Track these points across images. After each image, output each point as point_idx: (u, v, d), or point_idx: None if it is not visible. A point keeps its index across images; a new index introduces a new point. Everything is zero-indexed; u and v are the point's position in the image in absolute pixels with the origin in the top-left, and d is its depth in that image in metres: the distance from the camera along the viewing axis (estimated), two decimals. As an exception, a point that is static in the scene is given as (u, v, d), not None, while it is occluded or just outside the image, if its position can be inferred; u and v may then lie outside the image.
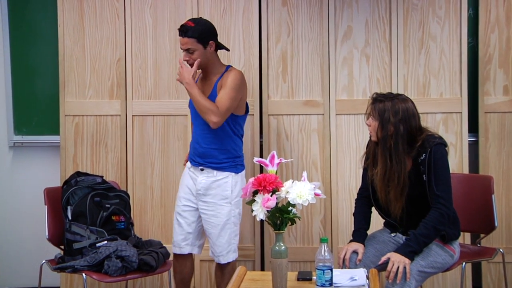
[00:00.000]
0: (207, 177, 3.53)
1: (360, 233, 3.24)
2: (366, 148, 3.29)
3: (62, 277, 4.21)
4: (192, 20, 3.53)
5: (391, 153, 3.07)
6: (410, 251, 2.99)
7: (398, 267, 2.93)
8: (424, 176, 3.07)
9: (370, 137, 3.21)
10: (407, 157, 3.09)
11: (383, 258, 3.00)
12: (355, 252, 3.15)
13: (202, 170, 3.55)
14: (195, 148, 3.58)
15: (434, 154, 3.05)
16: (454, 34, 4.11)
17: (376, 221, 4.01)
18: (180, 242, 3.61)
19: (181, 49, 3.51)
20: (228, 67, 3.60)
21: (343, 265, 3.13)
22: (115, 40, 4.25)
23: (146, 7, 4.24)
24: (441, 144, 3.09)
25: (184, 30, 3.45)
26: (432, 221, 3.03)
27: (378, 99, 3.12)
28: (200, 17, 3.66)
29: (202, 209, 3.56)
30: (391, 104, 3.08)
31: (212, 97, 3.49)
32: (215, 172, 3.53)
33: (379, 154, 3.12)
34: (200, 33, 3.46)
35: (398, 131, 3.06)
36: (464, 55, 4.10)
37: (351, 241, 3.22)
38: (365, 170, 3.30)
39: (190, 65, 3.49)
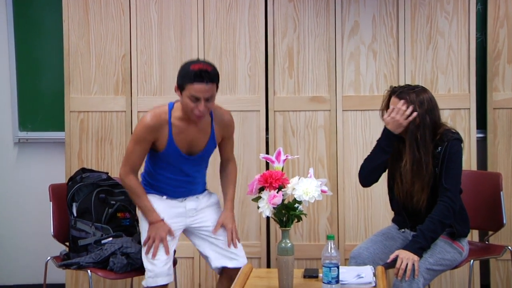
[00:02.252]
0: (193, 199, 3.32)
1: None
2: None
3: (67, 274, 4.20)
4: (204, 63, 3.09)
5: (418, 144, 3.05)
6: (419, 247, 2.97)
7: (407, 264, 2.91)
8: (436, 169, 3.05)
9: None
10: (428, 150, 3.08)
11: (392, 256, 2.98)
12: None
13: (184, 199, 3.32)
14: (179, 182, 3.26)
15: (450, 148, 3.04)
16: (462, 29, 4.07)
17: (383, 219, 4.00)
18: (167, 271, 3.16)
19: (198, 97, 3.01)
20: None
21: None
22: (120, 35, 4.23)
23: (151, 2, 4.21)
24: (458, 140, 3.08)
25: (209, 76, 3.00)
26: (438, 215, 3.01)
27: (400, 92, 3.09)
28: (200, 59, 3.37)
29: (201, 224, 3.31)
30: (415, 95, 3.06)
31: (212, 142, 3.25)
32: (198, 194, 3.35)
33: (407, 146, 3.09)
34: (218, 76, 3.11)
35: (425, 121, 3.05)
36: (473, 51, 4.07)
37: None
38: None
39: (200, 116, 3.08)
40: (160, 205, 3.25)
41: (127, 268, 3.31)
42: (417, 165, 3.06)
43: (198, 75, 3.00)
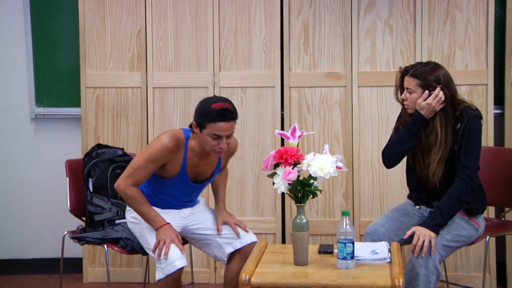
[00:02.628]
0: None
1: None
2: (397, 121, 3.26)
3: (84, 248, 4.24)
4: (223, 100, 3.07)
5: (441, 118, 3.05)
6: (436, 224, 2.97)
7: (423, 241, 2.90)
8: (455, 146, 3.04)
9: (402, 111, 3.17)
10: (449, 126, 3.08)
11: (408, 233, 2.98)
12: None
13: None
14: (176, 205, 3.29)
15: (469, 125, 3.03)
16: (481, 4, 4.01)
17: (399, 195, 4.00)
18: (182, 255, 3.10)
19: (220, 135, 3.00)
20: None
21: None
22: (135, 11, 4.22)
23: (167, -23, 4.20)
24: (478, 117, 3.07)
25: (231, 115, 3.00)
26: (455, 192, 3.01)
27: (413, 71, 3.08)
28: (217, 96, 3.28)
29: (200, 226, 3.33)
30: (430, 70, 3.05)
31: (217, 171, 3.31)
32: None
33: (435, 121, 3.07)
34: (237, 113, 3.10)
35: (445, 96, 3.04)
36: (491, 26, 4.01)
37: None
38: None
39: (221, 153, 3.08)
40: (156, 208, 3.23)
41: (137, 250, 3.31)
42: (440, 140, 3.06)
43: (221, 114, 2.98)
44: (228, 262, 3.29)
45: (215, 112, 2.97)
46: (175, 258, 3.06)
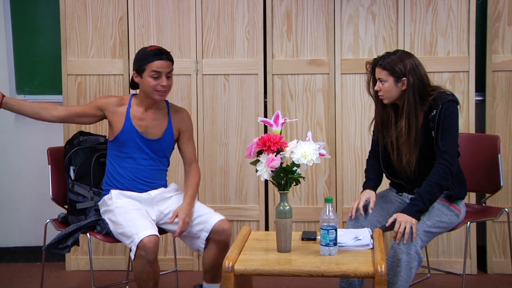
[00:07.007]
0: (156, 190, 3.39)
1: (371, 182, 3.26)
2: (374, 116, 3.26)
3: (67, 237, 4.22)
4: (156, 45, 3.38)
5: (403, 106, 3.07)
6: (417, 210, 2.99)
7: (405, 228, 2.93)
8: (432, 132, 3.06)
9: (378, 104, 3.18)
10: (419, 111, 3.09)
11: (390, 220, 3.00)
12: (367, 204, 3.15)
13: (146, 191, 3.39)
14: (141, 179, 3.35)
15: (444, 110, 3.05)
16: (462, -9, 4.03)
17: (381, 183, 4.02)
18: (150, 224, 3.15)
19: (159, 71, 3.21)
20: (167, 101, 3.44)
21: (357, 214, 3.13)
22: (117, -3, 4.19)
23: (148, -37, 4.16)
24: (453, 102, 3.08)
25: (166, 54, 3.25)
26: (435, 178, 3.03)
27: (381, 60, 3.09)
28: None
29: (171, 208, 3.34)
30: (397, 59, 3.07)
31: (169, 132, 3.36)
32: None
33: (401, 111, 3.09)
34: (173, 59, 3.34)
35: (409, 83, 3.05)
36: (473, 13, 4.03)
37: (362, 191, 3.23)
38: (375, 138, 3.28)
39: (164, 92, 3.25)
40: (125, 195, 3.29)
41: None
42: (409, 127, 3.08)
43: (157, 53, 3.22)
44: (204, 250, 3.31)
45: (152, 52, 3.22)
46: (143, 227, 3.07)
